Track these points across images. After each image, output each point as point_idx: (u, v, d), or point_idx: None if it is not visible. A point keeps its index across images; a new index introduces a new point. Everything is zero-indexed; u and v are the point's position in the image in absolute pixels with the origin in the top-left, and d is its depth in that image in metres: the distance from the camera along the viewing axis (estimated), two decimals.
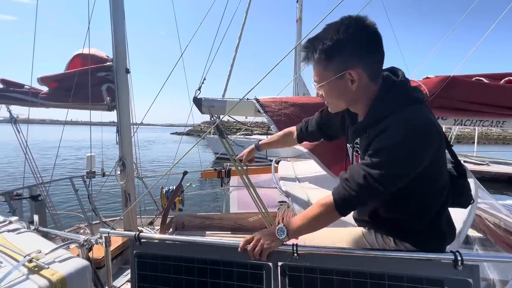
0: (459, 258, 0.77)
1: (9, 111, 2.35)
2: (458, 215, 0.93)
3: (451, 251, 0.79)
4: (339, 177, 0.86)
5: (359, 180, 0.77)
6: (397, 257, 0.83)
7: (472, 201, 0.95)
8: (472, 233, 1.70)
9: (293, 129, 1.32)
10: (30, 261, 0.94)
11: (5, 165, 12.43)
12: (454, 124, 1.68)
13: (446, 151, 0.87)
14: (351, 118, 0.98)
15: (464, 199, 0.93)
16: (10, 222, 1.23)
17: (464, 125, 1.69)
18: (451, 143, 0.93)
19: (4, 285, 0.85)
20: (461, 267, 0.77)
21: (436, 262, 0.80)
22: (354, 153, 0.99)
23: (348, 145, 1.04)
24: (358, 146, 0.94)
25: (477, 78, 1.71)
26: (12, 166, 11.69)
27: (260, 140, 1.50)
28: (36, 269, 0.92)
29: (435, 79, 1.60)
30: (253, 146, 1.49)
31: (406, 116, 0.76)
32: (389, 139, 0.75)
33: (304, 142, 1.77)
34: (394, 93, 0.82)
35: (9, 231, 1.17)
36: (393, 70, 0.89)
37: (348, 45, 0.78)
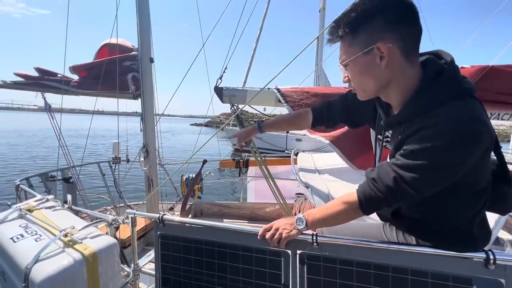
0: (491, 257, 0.72)
1: (44, 98, 2.52)
2: (489, 214, 0.87)
3: (483, 250, 0.75)
4: (365, 175, 0.80)
5: (388, 182, 0.70)
6: (422, 252, 0.80)
7: None
8: (504, 235, 1.60)
9: (307, 110, 1.17)
10: (65, 235, 1.02)
11: (43, 149, 13.51)
12: (490, 118, 1.56)
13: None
14: (383, 108, 0.86)
15: (505, 206, 0.83)
16: (47, 200, 1.34)
17: (502, 119, 1.56)
18: None
19: (43, 256, 0.93)
20: (493, 266, 0.72)
21: (465, 260, 0.76)
22: (383, 146, 0.91)
23: (378, 136, 0.95)
24: (388, 139, 0.86)
25: None
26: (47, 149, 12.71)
27: (263, 121, 1.29)
28: (70, 243, 1.00)
29: (471, 69, 1.48)
30: (254, 126, 1.27)
31: (455, 114, 0.64)
32: (430, 139, 0.64)
33: (326, 134, 1.74)
34: (442, 82, 0.68)
35: (46, 208, 1.28)
36: (438, 54, 0.75)
37: (376, 15, 0.68)
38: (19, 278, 0.93)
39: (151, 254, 2.23)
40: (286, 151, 3.68)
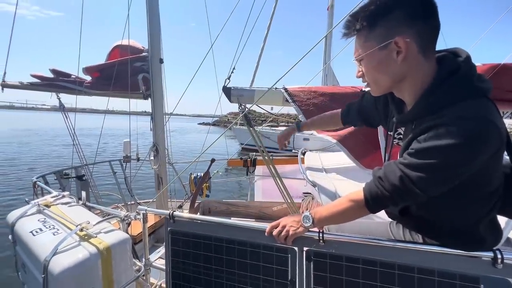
0: (499, 256, 0.72)
1: (59, 99, 2.61)
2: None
3: (491, 249, 0.75)
4: (372, 173, 0.81)
5: (394, 181, 0.70)
6: (429, 250, 0.80)
7: None
8: None
9: (338, 111, 1.23)
10: (81, 230, 1.06)
11: (51, 147, 13.95)
12: (502, 118, 1.53)
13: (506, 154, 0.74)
14: (396, 105, 0.85)
15: None
16: (63, 196, 1.40)
17: None
18: None
19: (61, 249, 0.98)
20: (500, 265, 0.72)
21: (472, 258, 0.76)
22: (394, 143, 0.90)
23: (389, 133, 0.94)
24: (401, 136, 0.86)
25: None
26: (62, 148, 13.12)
27: (300, 121, 1.37)
28: (86, 237, 1.05)
29: (482, 67, 1.45)
30: (293, 126, 1.36)
31: (464, 114, 0.63)
32: (437, 139, 0.63)
33: (334, 133, 1.75)
34: (455, 80, 0.67)
35: (62, 204, 1.33)
36: (456, 52, 0.72)
37: (395, 8, 0.67)
38: (38, 270, 0.98)
39: (161, 251, 2.28)
40: (293, 150, 3.68)
